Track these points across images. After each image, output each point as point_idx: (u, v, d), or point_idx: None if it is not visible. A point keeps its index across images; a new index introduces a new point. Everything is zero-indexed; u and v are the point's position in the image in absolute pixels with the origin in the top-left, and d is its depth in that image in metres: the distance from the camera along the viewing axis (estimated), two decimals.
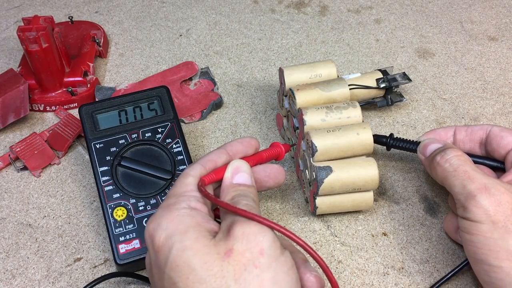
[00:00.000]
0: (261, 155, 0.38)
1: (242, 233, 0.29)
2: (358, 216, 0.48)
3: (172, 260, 0.29)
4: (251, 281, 0.28)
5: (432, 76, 0.61)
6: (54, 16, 0.63)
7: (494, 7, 0.71)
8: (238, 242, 0.29)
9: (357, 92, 0.52)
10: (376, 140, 0.47)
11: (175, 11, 0.72)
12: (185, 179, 0.34)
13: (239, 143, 0.37)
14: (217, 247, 0.29)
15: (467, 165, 0.39)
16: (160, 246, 0.30)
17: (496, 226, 0.36)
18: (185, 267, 0.29)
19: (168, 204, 0.33)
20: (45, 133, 0.54)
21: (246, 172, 0.35)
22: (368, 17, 0.70)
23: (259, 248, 0.29)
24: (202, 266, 0.29)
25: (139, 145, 0.47)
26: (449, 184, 0.39)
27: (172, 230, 0.30)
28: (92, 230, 0.47)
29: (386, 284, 0.43)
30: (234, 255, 0.29)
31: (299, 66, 0.50)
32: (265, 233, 0.30)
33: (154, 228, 0.31)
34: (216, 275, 0.28)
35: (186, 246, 0.29)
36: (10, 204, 0.49)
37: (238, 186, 0.34)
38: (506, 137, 0.42)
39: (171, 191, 0.34)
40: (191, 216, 0.31)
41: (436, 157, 0.41)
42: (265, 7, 0.72)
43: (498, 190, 0.37)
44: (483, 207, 0.36)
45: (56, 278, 0.44)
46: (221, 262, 0.29)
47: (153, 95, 0.50)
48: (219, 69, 0.63)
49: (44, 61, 0.54)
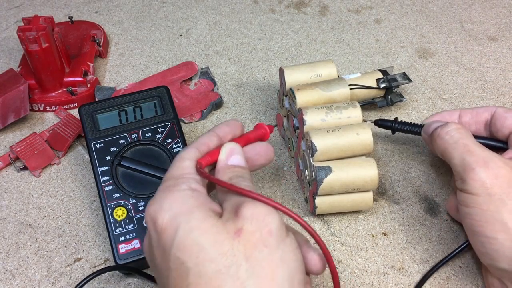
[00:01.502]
0: (248, 137, 0.38)
1: (251, 214, 0.30)
2: (358, 216, 0.48)
3: (179, 240, 0.29)
4: (262, 260, 0.29)
5: (432, 76, 0.61)
6: (54, 16, 0.63)
7: (494, 7, 0.71)
8: (247, 223, 0.30)
9: (357, 92, 0.52)
10: (381, 124, 0.49)
11: (175, 11, 0.72)
12: (182, 163, 0.34)
13: (226, 126, 0.38)
14: (226, 227, 0.30)
15: (467, 139, 0.40)
16: (164, 227, 0.30)
17: (492, 199, 0.37)
18: (194, 247, 0.29)
19: (167, 186, 0.33)
20: (45, 133, 0.54)
21: (240, 154, 0.36)
22: (368, 17, 0.70)
23: (268, 228, 0.30)
24: (213, 245, 0.29)
25: (139, 145, 0.47)
26: (449, 156, 0.40)
27: (176, 211, 0.30)
28: (92, 230, 0.47)
29: (386, 284, 0.43)
30: (244, 234, 0.29)
31: (299, 66, 0.50)
32: (273, 215, 0.30)
33: (155, 210, 0.31)
34: (227, 254, 0.29)
35: (194, 226, 0.30)
36: (10, 204, 0.49)
37: (234, 168, 0.35)
38: (510, 118, 0.43)
39: (168, 174, 0.34)
40: (194, 197, 0.31)
41: (437, 129, 0.42)
42: (265, 7, 0.72)
43: (496, 164, 0.37)
44: (481, 179, 0.37)
45: (56, 278, 0.44)
46: (231, 241, 0.29)
47: (153, 95, 0.50)
48: (219, 69, 0.63)
49: (44, 61, 0.54)
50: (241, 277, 0.28)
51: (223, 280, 0.28)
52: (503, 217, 0.36)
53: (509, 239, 0.36)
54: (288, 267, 0.30)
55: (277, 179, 0.51)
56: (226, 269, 0.28)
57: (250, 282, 0.28)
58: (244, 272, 0.28)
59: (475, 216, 0.38)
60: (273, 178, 0.51)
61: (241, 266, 0.28)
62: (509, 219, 0.36)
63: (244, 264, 0.29)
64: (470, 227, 0.38)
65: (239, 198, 0.31)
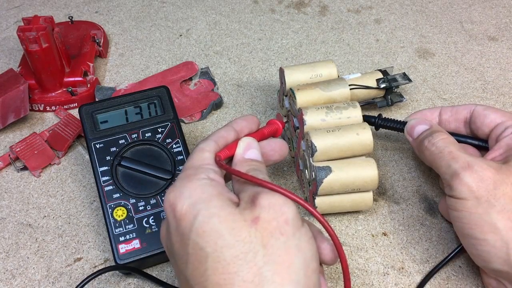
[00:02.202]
0: (263, 132, 0.39)
1: (268, 204, 0.30)
2: (358, 216, 0.48)
3: (198, 226, 0.30)
4: (279, 247, 0.30)
5: (432, 76, 0.61)
6: (54, 16, 0.63)
7: (494, 7, 0.71)
8: (265, 212, 0.30)
9: (357, 92, 0.52)
10: (365, 120, 0.49)
11: (175, 11, 0.72)
12: (202, 154, 0.35)
13: (243, 120, 0.39)
14: (243, 215, 0.31)
15: (452, 146, 0.40)
16: (184, 213, 0.31)
17: (480, 201, 0.37)
18: (213, 233, 0.30)
19: (187, 174, 0.33)
20: (45, 133, 0.54)
21: (257, 148, 0.37)
22: (368, 17, 0.70)
23: (285, 217, 0.30)
24: (230, 232, 0.30)
25: (139, 145, 0.47)
26: (436, 165, 0.41)
27: (196, 198, 0.31)
28: (92, 230, 0.47)
29: (386, 284, 0.43)
30: (261, 222, 0.30)
31: (300, 66, 0.50)
32: (289, 205, 0.31)
33: (175, 196, 0.32)
34: (244, 241, 0.29)
35: (213, 213, 0.30)
36: (10, 204, 0.49)
37: (251, 161, 0.36)
38: (489, 116, 0.44)
39: (188, 163, 0.35)
40: (213, 186, 0.32)
41: (424, 141, 0.42)
42: (265, 7, 0.72)
43: (481, 167, 0.38)
44: (467, 184, 0.37)
45: (56, 278, 0.44)
46: (248, 228, 0.30)
47: (153, 95, 0.50)
48: (219, 69, 0.63)
49: (44, 61, 0.54)
50: (258, 263, 0.29)
51: (241, 265, 0.29)
52: (491, 218, 0.36)
53: (500, 239, 0.36)
54: (304, 255, 0.30)
55: (277, 179, 0.51)
56: (244, 255, 0.29)
57: (267, 268, 0.29)
58: (261, 258, 0.29)
59: (464, 219, 0.38)
60: (273, 178, 0.51)
61: (258, 253, 0.29)
62: (497, 220, 0.36)
63: (261, 251, 0.29)
64: (461, 230, 0.39)
65: (256, 189, 0.32)
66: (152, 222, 0.44)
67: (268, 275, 0.29)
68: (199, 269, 0.30)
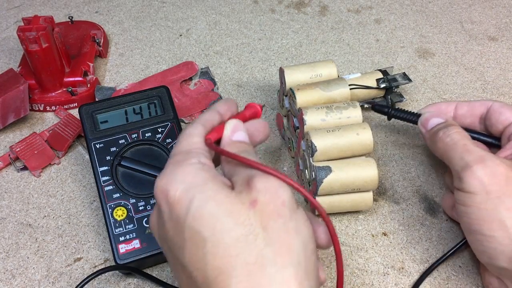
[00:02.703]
0: (244, 114, 0.39)
1: (264, 187, 0.30)
2: (358, 216, 0.48)
3: (195, 211, 0.30)
4: (278, 229, 0.30)
5: (432, 76, 0.61)
6: (54, 16, 0.63)
7: (494, 7, 0.71)
8: (261, 194, 0.30)
9: (357, 92, 0.52)
10: (378, 109, 0.48)
11: (175, 11, 0.72)
12: (191, 138, 0.35)
13: (225, 104, 0.38)
14: (240, 198, 0.30)
15: (466, 140, 0.41)
16: (177, 199, 0.30)
17: (490, 197, 0.37)
18: (210, 217, 0.29)
19: (177, 160, 0.33)
20: (45, 133, 0.54)
21: (243, 130, 0.36)
22: (368, 17, 0.70)
23: (281, 200, 0.30)
24: (229, 215, 0.29)
25: (139, 145, 0.47)
26: (448, 157, 0.41)
27: (190, 183, 0.31)
28: (92, 230, 0.47)
29: (386, 284, 0.43)
30: (259, 205, 0.30)
31: (300, 66, 0.50)
32: (285, 187, 0.31)
33: (167, 182, 0.31)
34: (244, 223, 0.29)
35: (209, 196, 0.30)
36: (10, 204, 0.49)
37: (239, 143, 0.35)
38: (504, 113, 0.44)
39: (176, 149, 0.34)
40: (205, 170, 0.32)
41: (439, 132, 0.42)
42: (265, 7, 0.72)
43: (494, 162, 0.38)
44: (478, 178, 0.37)
45: (56, 278, 0.44)
46: (247, 211, 0.30)
47: (153, 95, 0.50)
48: (219, 69, 0.63)
49: (44, 61, 0.54)
50: (259, 245, 0.29)
51: (241, 248, 0.29)
52: (501, 215, 0.36)
53: (507, 237, 0.36)
54: (302, 237, 0.31)
55: None
56: (244, 238, 0.29)
57: (268, 250, 0.29)
58: (261, 240, 0.29)
59: (471, 215, 0.38)
60: None
61: (258, 235, 0.29)
62: (507, 217, 0.36)
63: (261, 233, 0.29)
64: (468, 226, 0.38)
65: (250, 171, 0.32)
66: None
67: (269, 257, 0.29)
68: (197, 254, 0.30)
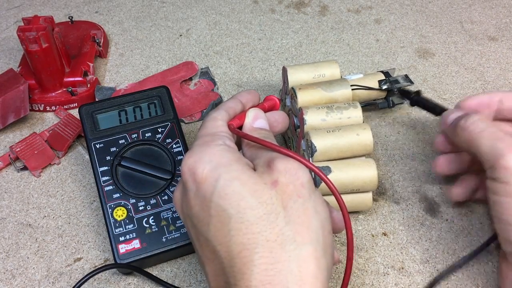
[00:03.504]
0: (263, 106, 0.41)
1: (285, 168, 0.32)
2: (358, 216, 0.48)
3: (221, 189, 0.31)
4: (297, 208, 0.31)
5: (432, 76, 0.61)
6: (54, 16, 0.63)
7: (494, 7, 0.71)
8: (282, 175, 0.32)
9: (359, 93, 0.52)
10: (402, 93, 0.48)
11: (175, 11, 0.72)
12: (215, 122, 0.36)
13: (248, 94, 0.40)
14: (263, 178, 0.32)
15: (494, 127, 0.39)
16: (205, 177, 0.32)
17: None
18: (235, 195, 0.31)
19: (205, 141, 0.34)
20: (45, 133, 0.54)
21: (264, 118, 0.39)
22: (368, 17, 0.70)
23: (301, 181, 0.32)
24: (253, 194, 0.31)
25: (139, 145, 0.47)
26: (476, 145, 0.38)
27: (216, 163, 0.32)
28: (92, 230, 0.47)
29: (386, 284, 0.43)
30: (280, 185, 0.31)
31: (303, 65, 0.50)
32: (304, 170, 0.32)
33: (195, 161, 0.33)
34: (266, 202, 0.31)
35: (234, 176, 0.32)
36: (10, 204, 0.49)
37: (260, 130, 0.37)
38: None
39: (202, 131, 0.36)
40: (231, 151, 0.34)
41: (460, 122, 0.40)
42: (265, 7, 0.72)
43: None
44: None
45: (56, 278, 0.44)
46: (269, 191, 0.31)
47: (153, 95, 0.50)
48: (219, 69, 0.63)
49: (44, 61, 0.54)
50: (279, 224, 0.31)
51: (263, 226, 0.30)
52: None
53: None
54: (320, 216, 0.32)
55: None
56: (266, 216, 0.31)
57: (288, 228, 0.30)
58: (282, 219, 0.31)
59: (504, 205, 0.36)
60: None
61: (279, 214, 0.31)
62: None
63: (282, 212, 0.31)
64: (499, 215, 0.37)
65: (271, 154, 0.33)
66: (152, 222, 0.44)
67: (289, 235, 0.30)
68: (222, 230, 0.31)
